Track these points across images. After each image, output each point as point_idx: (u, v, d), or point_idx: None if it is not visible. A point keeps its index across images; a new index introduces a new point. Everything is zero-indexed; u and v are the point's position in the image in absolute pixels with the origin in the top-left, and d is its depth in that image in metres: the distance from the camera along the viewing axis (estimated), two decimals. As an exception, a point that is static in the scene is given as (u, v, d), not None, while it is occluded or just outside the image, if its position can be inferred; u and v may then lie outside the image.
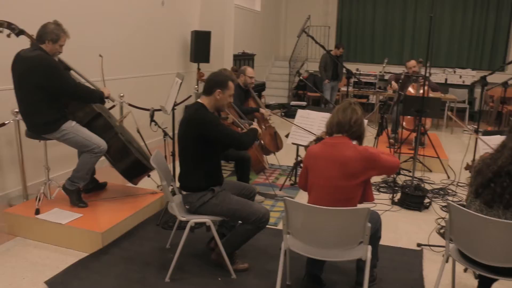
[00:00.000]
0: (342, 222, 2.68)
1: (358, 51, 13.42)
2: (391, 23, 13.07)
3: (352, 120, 2.92)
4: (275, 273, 3.04)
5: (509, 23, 12.40)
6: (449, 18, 12.67)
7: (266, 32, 12.31)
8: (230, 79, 3.41)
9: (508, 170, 2.63)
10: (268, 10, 12.28)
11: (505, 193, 2.64)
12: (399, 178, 5.77)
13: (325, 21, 13.25)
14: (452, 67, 12.16)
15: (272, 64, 13.19)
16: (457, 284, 3.39)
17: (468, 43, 12.72)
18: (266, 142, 5.55)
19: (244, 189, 3.66)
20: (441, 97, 6.57)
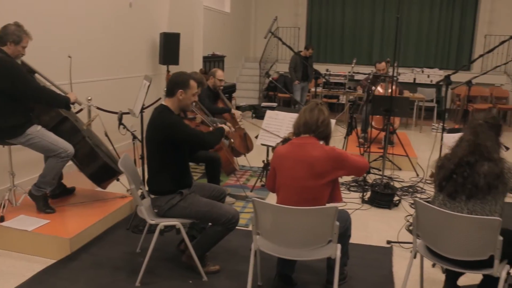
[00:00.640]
0: (310, 222, 2.70)
1: (328, 52, 13.54)
2: (360, 24, 13.24)
3: (319, 120, 2.94)
4: (246, 274, 3.04)
5: (473, 23, 12.71)
6: (416, 19, 12.91)
7: (236, 34, 12.30)
8: (192, 78, 3.39)
9: (468, 161, 2.72)
10: (237, 12, 12.28)
11: (466, 183, 2.72)
12: (369, 177, 5.83)
13: (295, 22, 13.33)
14: (420, 67, 12.36)
15: (242, 66, 13.19)
16: (425, 279, 3.44)
17: (435, 43, 12.99)
18: (236, 144, 5.55)
19: (214, 191, 3.64)
20: (409, 97, 6.68)
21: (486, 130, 2.81)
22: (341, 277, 3.30)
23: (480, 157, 2.72)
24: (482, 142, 2.75)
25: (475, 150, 2.75)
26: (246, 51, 13.51)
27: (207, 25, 9.37)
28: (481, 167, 2.70)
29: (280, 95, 11.79)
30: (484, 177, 2.67)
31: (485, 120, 2.85)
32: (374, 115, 6.51)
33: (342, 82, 10.00)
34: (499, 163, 2.72)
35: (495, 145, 2.81)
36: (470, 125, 2.89)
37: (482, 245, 2.59)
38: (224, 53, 10.76)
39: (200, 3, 8.53)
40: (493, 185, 2.69)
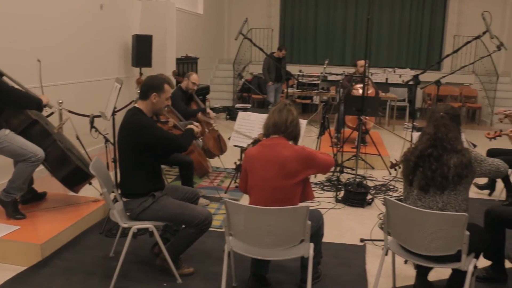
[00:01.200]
0: (282, 221, 2.72)
1: (301, 53, 13.64)
2: (333, 25, 13.39)
3: (288, 121, 2.96)
4: (221, 276, 3.04)
5: (443, 24, 12.98)
6: (387, 20, 13.13)
7: (209, 35, 12.28)
8: (166, 82, 3.39)
9: (430, 153, 2.79)
10: (210, 13, 12.27)
11: (436, 176, 2.78)
12: (343, 176, 5.90)
13: (268, 24, 13.38)
14: (392, 67, 12.56)
15: (216, 67, 13.17)
16: (398, 275, 3.50)
17: (406, 44, 13.23)
18: (210, 146, 5.54)
19: (187, 193, 3.64)
20: (381, 96, 6.78)
21: (448, 122, 2.86)
22: (315, 276, 3.34)
23: (443, 150, 2.78)
24: (442, 135, 2.81)
25: (435, 143, 2.81)
26: (220, 52, 13.50)
27: (180, 27, 9.34)
28: (449, 159, 2.76)
29: (254, 97, 11.82)
30: (454, 168, 2.74)
31: (446, 111, 2.90)
32: (346, 114, 6.59)
33: (315, 83, 10.07)
34: (465, 153, 2.79)
35: (457, 136, 2.87)
36: (431, 118, 2.94)
37: (450, 240, 2.66)
38: (198, 55, 10.74)
39: (172, 5, 8.50)
40: (463, 175, 2.76)
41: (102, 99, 5.87)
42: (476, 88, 12.05)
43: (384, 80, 12.01)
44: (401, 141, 4.91)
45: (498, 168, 2.84)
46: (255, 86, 11.58)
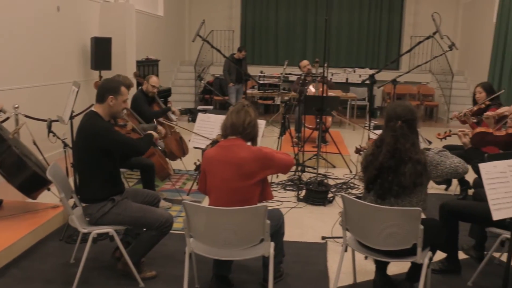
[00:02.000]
0: (241, 221, 2.74)
1: (263, 54, 13.72)
2: (293, 26, 13.53)
3: (245, 122, 2.98)
4: (183, 278, 3.03)
5: (400, 24, 13.31)
6: (347, 21, 13.37)
7: (170, 37, 12.20)
8: (123, 84, 3.36)
9: (389, 165, 2.84)
10: (171, 15, 12.19)
11: (393, 186, 2.84)
12: (304, 175, 5.97)
13: (229, 25, 13.39)
14: (352, 67, 12.77)
15: (177, 69, 13.09)
16: (358, 270, 3.57)
17: (365, 44, 13.50)
18: (172, 148, 5.52)
19: (147, 196, 3.62)
20: (340, 96, 6.89)
21: (406, 131, 2.89)
22: (277, 275, 3.38)
23: (400, 161, 2.84)
24: (401, 146, 2.85)
25: (395, 154, 2.86)
26: (181, 54, 13.43)
27: (140, 29, 9.24)
28: (404, 168, 2.82)
29: (216, 98, 11.81)
30: (409, 177, 2.81)
31: (404, 119, 2.91)
32: (306, 114, 6.67)
33: (276, 84, 10.15)
34: (421, 160, 2.84)
35: (415, 142, 2.91)
36: (390, 127, 2.95)
37: (405, 234, 2.74)
38: (159, 57, 10.66)
39: (132, 7, 8.40)
40: (418, 183, 2.84)
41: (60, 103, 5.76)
42: (433, 87, 12.41)
43: (344, 80, 12.21)
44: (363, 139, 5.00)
45: (456, 170, 2.87)
46: (217, 88, 11.58)
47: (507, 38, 9.58)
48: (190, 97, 12.14)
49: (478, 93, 5.24)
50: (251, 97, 11.29)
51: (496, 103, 5.12)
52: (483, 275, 3.53)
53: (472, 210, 3.46)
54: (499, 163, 2.76)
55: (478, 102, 5.17)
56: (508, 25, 9.56)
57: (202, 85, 12.11)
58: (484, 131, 3.73)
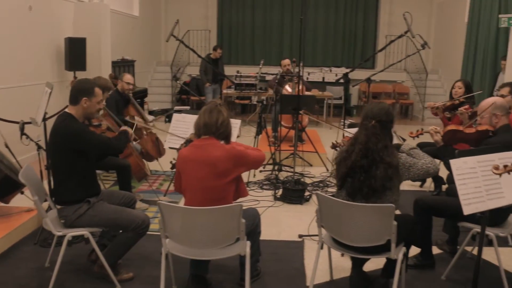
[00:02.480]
0: (216, 221, 2.75)
1: (239, 54, 13.73)
2: (270, 25, 13.57)
3: (218, 121, 2.99)
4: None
5: (375, 24, 13.47)
6: (323, 20, 13.47)
7: (146, 37, 12.11)
8: (97, 85, 3.34)
9: (361, 165, 2.87)
10: (147, 15, 12.11)
11: (363, 187, 2.88)
12: (281, 174, 6.00)
13: (205, 25, 13.35)
14: (328, 66, 12.87)
15: (154, 70, 13.01)
16: (335, 268, 3.62)
17: (342, 43, 13.62)
18: (148, 149, 5.48)
19: (123, 197, 3.59)
20: (316, 95, 6.94)
21: (379, 131, 2.93)
22: (254, 274, 3.40)
23: (373, 161, 2.87)
24: (373, 145, 2.89)
25: (367, 153, 2.89)
26: (157, 55, 13.36)
27: (115, 29, 9.16)
28: (376, 170, 2.86)
29: (193, 98, 11.77)
30: (380, 180, 2.84)
31: (378, 119, 2.96)
32: (282, 113, 6.70)
33: (253, 83, 10.16)
34: (392, 163, 2.87)
35: (387, 144, 2.95)
36: (363, 126, 3.00)
37: (379, 231, 2.78)
38: (134, 58, 10.58)
39: (106, 6, 8.32)
40: (387, 187, 2.87)
41: (33, 105, 5.68)
42: (408, 85, 12.59)
43: (321, 79, 12.29)
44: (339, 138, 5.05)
45: (427, 171, 2.92)
46: (193, 88, 11.54)
47: (478, 37, 9.79)
48: (167, 98, 12.08)
49: (458, 88, 5.24)
50: (229, 97, 11.31)
51: (471, 101, 5.20)
52: (456, 269, 3.61)
53: (444, 205, 3.53)
54: (469, 159, 2.82)
55: (454, 97, 5.22)
56: (479, 25, 9.77)
57: (178, 86, 12.05)
58: (454, 129, 3.81)
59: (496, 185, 2.86)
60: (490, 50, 9.23)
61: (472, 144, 3.78)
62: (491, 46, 9.19)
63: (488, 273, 3.66)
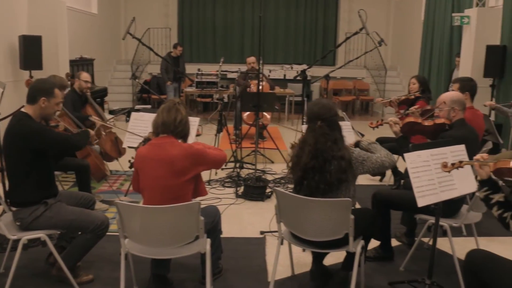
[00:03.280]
0: (175, 219, 2.75)
1: (201, 51, 13.66)
2: (231, 23, 13.56)
3: (176, 120, 2.98)
4: (120, 280, 3.00)
5: (335, 21, 13.65)
6: (284, 18, 13.56)
7: (105, 36, 11.90)
8: (57, 86, 3.27)
9: (313, 166, 2.91)
10: (105, 13, 11.89)
11: (319, 184, 2.92)
12: (243, 171, 6.01)
13: (166, 23, 13.23)
14: (289, 64, 12.95)
15: (114, 69, 12.80)
16: (297, 263, 3.66)
17: (302, 40, 13.75)
18: (107, 149, 5.39)
19: (81, 198, 3.53)
20: (277, 92, 6.98)
21: (326, 131, 2.95)
22: (216, 271, 3.41)
23: (324, 160, 2.90)
24: (322, 146, 2.91)
25: (317, 154, 2.92)
26: (117, 53, 13.14)
27: (72, 27, 8.96)
28: (330, 166, 2.89)
29: (154, 97, 11.65)
30: (334, 174, 2.89)
31: (322, 118, 2.96)
32: (243, 111, 6.72)
33: (214, 81, 10.12)
34: (345, 156, 2.91)
35: (337, 138, 2.97)
36: (310, 128, 3.02)
37: (337, 225, 2.83)
38: (93, 56, 10.38)
39: (62, 4, 8.12)
40: (343, 180, 2.91)
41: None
42: (368, 82, 12.81)
43: (282, 76, 12.35)
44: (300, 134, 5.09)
45: (382, 165, 2.98)
46: (154, 86, 11.43)
47: (433, 35, 10.07)
48: (128, 97, 11.91)
49: (412, 84, 5.43)
50: (190, 95, 11.24)
51: (426, 96, 5.35)
52: (414, 260, 3.71)
53: (401, 198, 3.62)
54: (422, 153, 2.90)
55: (410, 93, 5.38)
56: (434, 23, 10.05)
57: (139, 84, 11.90)
58: (413, 120, 3.90)
59: (449, 177, 2.95)
60: (445, 47, 9.51)
61: (429, 136, 3.88)
62: (446, 44, 9.47)
63: (444, 262, 3.77)
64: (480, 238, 3.89)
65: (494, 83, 7.47)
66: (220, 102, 6.16)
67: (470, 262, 2.57)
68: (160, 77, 10.68)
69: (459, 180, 3.00)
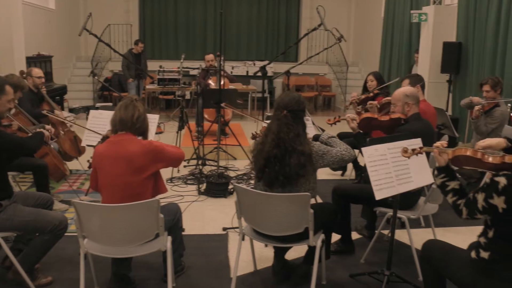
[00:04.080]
0: (134, 217, 2.72)
1: (163, 48, 13.52)
2: (193, 19, 13.47)
3: (134, 117, 2.95)
4: (80, 281, 2.95)
5: (298, 18, 13.74)
6: (246, 14, 13.59)
7: (64, 32, 11.60)
8: (8, 83, 3.18)
9: (275, 155, 2.94)
10: (64, 8, 11.59)
11: (278, 176, 2.94)
12: (205, 168, 5.99)
13: (127, 19, 13.00)
14: (252, 60, 12.96)
15: (73, 66, 12.52)
16: (259, 258, 3.68)
17: (265, 37, 13.80)
18: (66, 148, 5.27)
19: (39, 199, 3.44)
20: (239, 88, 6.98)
21: (290, 121, 2.99)
22: (178, 269, 3.40)
23: (285, 151, 2.93)
24: (284, 135, 2.94)
25: (279, 143, 2.95)
26: (77, 50, 12.84)
27: (28, 23, 8.71)
28: (289, 159, 2.92)
29: (115, 95, 11.47)
30: (294, 168, 2.92)
31: (289, 108, 3.02)
32: (205, 108, 6.69)
33: (176, 78, 10.02)
34: (305, 151, 2.95)
35: (299, 133, 3.01)
36: (276, 116, 3.05)
37: (297, 219, 2.86)
38: (52, 53, 10.12)
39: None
40: (301, 174, 2.95)
41: None
42: (330, 78, 12.96)
43: (245, 72, 12.36)
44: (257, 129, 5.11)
45: (342, 158, 3.03)
46: (116, 84, 11.24)
47: (393, 32, 10.28)
48: (88, 95, 11.68)
49: (370, 81, 5.56)
50: (152, 92, 11.12)
51: (384, 92, 5.46)
52: (374, 252, 3.79)
53: (360, 192, 3.68)
54: (379, 147, 2.96)
55: (369, 90, 5.49)
56: (394, 20, 10.25)
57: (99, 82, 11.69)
58: (370, 116, 3.97)
59: (405, 170, 3.02)
60: (404, 44, 9.72)
61: (386, 131, 3.96)
62: (405, 40, 9.68)
63: (403, 253, 3.87)
64: (437, 229, 4.01)
65: (450, 78, 7.69)
66: (182, 99, 6.12)
67: (426, 252, 2.65)
68: (122, 74, 10.51)
69: (415, 173, 3.08)
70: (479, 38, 7.08)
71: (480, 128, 4.96)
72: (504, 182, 2.15)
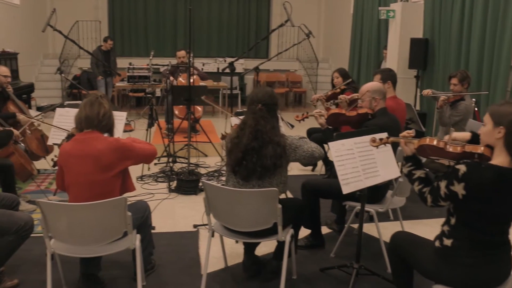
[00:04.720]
0: (101, 215, 2.69)
1: (133, 45, 13.36)
2: (163, 16, 13.35)
3: (100, 114, 2.91)
4: (50, 283, 2.90)
5: (268, 15, 13.77)
6: (217, 10, 13.53)
7: (30, 28, 11.32)
8: None
9: (253, 147, 2.95)
10: (29, 4, 11.32)
11: (256, 167, 2.96)
12: (176, 166, 5.96)
13: (96, 16, 12.79)
14: (223, 57, 12.93)
15: (41, 63, 12.26)
16: (230, 254, 3.69)
17: (236, 34, 13.80)
18: (33, 147, 5.17)
19: (3, 199, 3.37)
20: (210, 85, 6.96)
21: (266, 114, 3.03)
22: (148, 267, 3.38)
23: (263, 142, 2.96)
24: (262, 127, 2.98)
25: (257, 135, 2.97)
26: (44, 47, 12.57)
27: (-9, 20, 8.49)
28: (266, 150, 2.95)
29: (84, 92, 11.28)
30: (270, 159, 2.94)
31: (264, 102, 3.07)
32: (174, 105, 6.66)
33: (146, 75, 9.92)
34: (280, 142, 2.99)
35: (275, 125, 3.07)
36: (251, 110, 3.09)
37: (265, 214, 2.87)
38: (17, 50, 9.88)
39: (-20, -5, 7.69)
40: (278, 165, 2.98)
41: None
42: (300, 74, 13.04)
43: (215, 69, 12.32)
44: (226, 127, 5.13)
45: (312, 154, 3.06)
46: (85, 81, 11.07)
47: (362, 28, 10.40)
48: (57, 93, 11.46)
49: (336, 78, 5.65)
50: (122, 90, 10.99)
51: (351, 87, 5.53)
52: (344, 246, 3.84)
53: (329, 186, 3.71)
54: (346, 141, 3.00)
55: (336, 87, 5.56)
56: (363, 16, 10.37)
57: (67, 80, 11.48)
58: (337, 112, 4.01)
59: (372, 164, 3.07)
60: (373, 40, 9.84)
61: (354, 126, 4.00)
62: (374, 37, 9.80)
63: (372, 246, 3.94)
64: (405, 221, 4.09)
65: (418, 74, 7.82)
66: (152, 97, 6.07)
67: (394, 244, 2.71)
68: (91, 72, 10.36)
69: (382, 167, 3.13)
70: (445, 35, 7.24)
71: (444, 120, 5.06)
72: (464, 169, 2.25)
